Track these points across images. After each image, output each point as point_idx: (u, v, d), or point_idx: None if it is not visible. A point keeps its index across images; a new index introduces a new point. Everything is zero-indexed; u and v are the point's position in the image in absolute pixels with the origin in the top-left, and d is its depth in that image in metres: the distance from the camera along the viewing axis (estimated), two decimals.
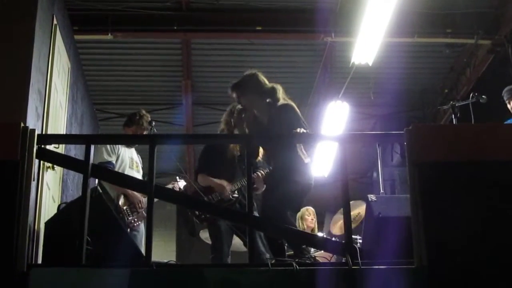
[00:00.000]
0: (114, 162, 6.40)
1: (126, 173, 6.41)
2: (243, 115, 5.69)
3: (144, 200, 6.20)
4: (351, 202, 4.90)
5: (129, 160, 6.57)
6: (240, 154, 6.15)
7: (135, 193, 6.29)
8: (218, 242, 5.95)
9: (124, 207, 6.29)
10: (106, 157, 6.33)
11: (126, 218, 6.24)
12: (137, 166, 6.70)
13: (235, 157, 6.17)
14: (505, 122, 6.63)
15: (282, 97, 5.61)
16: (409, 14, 8.64)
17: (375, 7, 7.50)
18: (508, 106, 6.72)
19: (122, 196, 6.30)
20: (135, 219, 6.35)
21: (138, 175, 6.59)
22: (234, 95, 5.71)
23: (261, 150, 5.86)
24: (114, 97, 11.20)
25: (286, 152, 5.33)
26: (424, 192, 4.30)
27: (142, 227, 6.52)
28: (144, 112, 6.80)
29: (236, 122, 5.73)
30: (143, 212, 6.39)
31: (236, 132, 5.99)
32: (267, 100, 5.58)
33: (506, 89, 6.79)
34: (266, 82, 5.67)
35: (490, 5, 8.91)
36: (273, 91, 5.59)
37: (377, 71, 9.92)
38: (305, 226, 8.23)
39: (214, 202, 5.95)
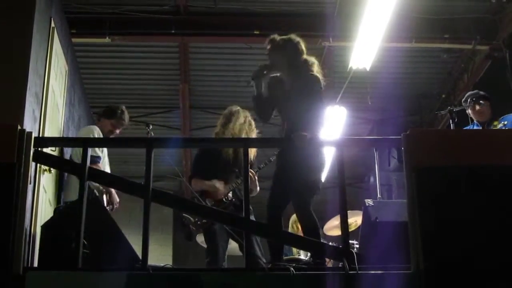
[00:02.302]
0: (101, 156, 6.42)
1: (106, 167, 6.47)
2: (265, 72, 5.52)
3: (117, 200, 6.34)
4: (348, 212, 4.89)
5: (107, 156, 6.59)
6: (233, 157, 6.16)
7: (115, 194, 6.32)
8: (213, 246, 5.94)
9: (107, 207, 6.32)
10: (98, 151, 6.33)
11: None
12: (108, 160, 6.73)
13: (230, 160, 6.17)
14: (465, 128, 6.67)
15: (315, 70, 5.50)
16: (407, 19, 8.65)
17: (373, 12, 7.50)
18: (468, 111, 6.72)
19: (106, 195, 6.31)
20: None
21: (109, 169, 6.62)
22: (268, 46, 5.57)
23: (253, 149, 5.86)
24: (111, 100, 11.12)
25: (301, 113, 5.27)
26: (421, 197, 4.30)
27: None
28: (125, 108, 6.81)
29: (258, 75, 5.50)
30: None
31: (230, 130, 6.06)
32: (297, 69, 5.47)
33: (468, 94, 6.82)
34: (304, 53, 5.55)
35: (487, 10, 8.92)
36: (307, 63, 5.50)
37: (375, 76, 9.92)
38: (299, 231, 8.21)
39: (210, 205, 5.96)
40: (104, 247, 4.64)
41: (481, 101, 6.63)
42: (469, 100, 6.68)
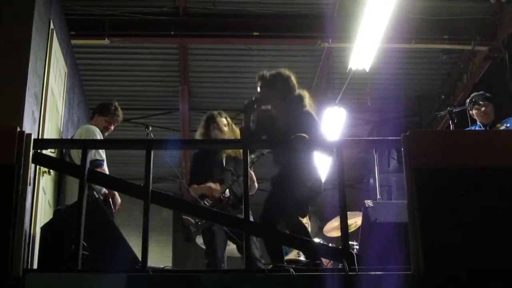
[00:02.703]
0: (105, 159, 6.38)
1: (107, 169, 6.40)
2: (255, 106, 5.52)
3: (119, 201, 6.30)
4: (348, 213, 4.88)
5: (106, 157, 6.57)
6: (227, 157, 6.19)
7: (118, 197, 6.30)
8: (212, 247, 5.96)
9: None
10: (102, 154, 6.30)
11: None
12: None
13: (223, 160, 6.20)
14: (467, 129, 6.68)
15: (308, 104, 5.51)
16: (406, 20, 8.64)
17: (372, 13, 7.50)
18: (472, 112, 6.73)
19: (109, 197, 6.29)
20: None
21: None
22: (259, 84, 5.57)
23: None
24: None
25: (294, 152, 5.26)
26: (421, 197, 4.30)
27: None
28: (118, 104, 6.79)
29: (248, 109, 5.53)
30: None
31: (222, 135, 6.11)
32: (289, 104, 5.47)
33: (473, 95, 6.82)
34: (296, 88, 5.54)
35: (487, 11, 8.92)
36: (298, 98, 5.49)
37: (374, 77, 9.92)
38: None
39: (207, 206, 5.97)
40: (103, 249, 4.63)
41: (486, 102, 6.64)
42: (474, 100, 6.67)
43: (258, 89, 5.59)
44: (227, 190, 6.11)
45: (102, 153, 6.33)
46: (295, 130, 5.24)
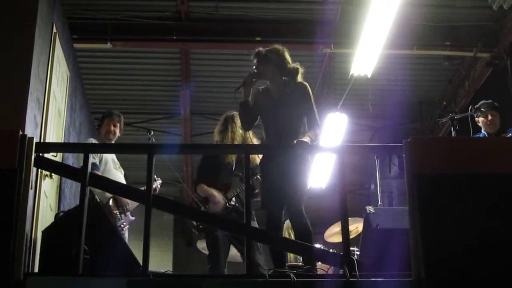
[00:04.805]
0: (98, 164, 6.35)
1: (111, 174, 6.37)
2: (253, 80, 5.63)
3: (129, 202, 6.25)
4: (349, 219, 4.88)
5: (111, 162, 6.52)
6: (236, 161, 6.18)
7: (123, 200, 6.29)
8: (215, 252, 5.94)
9: (115, 211, 6.27)
10: (91, 159, 6.27)
11: (117, 223, 6.22)
12: (119, 167, 6.64)
13: (233, 164, 6.19)
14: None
15: (302, 78, 5.65)
16: (408, 27, 8.65)
17: (374, 19, 7.50)
18: (477, 119, 6.73)
19: (111, 200, 6.26)
20: (124, 223, 6.35)
21: (122, 175, 6.55)
22: (255, 60, 5.69)
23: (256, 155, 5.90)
24: (112, 106, 11.12)
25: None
26: (422, 204, 4.30)
27: (126, 230, 6.51)
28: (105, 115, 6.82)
29: (247, 83, 5.62)
30: (129, 215, 6.39)
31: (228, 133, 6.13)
32: (284, 78, 5.61)
33: (481, 103, 6.80)
34: (290, 61, 5.67)
35: (489, 18, 8.93)
36: (293, 71, 5.62)
37: (376, 83, 9.93)
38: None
39: (211, 211, 5.96)
40: (104, 253, 4.63)
41: (493, 112, 6.64)
42: (481, 109, 6.67)
43: (255, 66, 5.69)
44: (233, 199, 6.09)
45: (91, 158, 6.27)
46: (289, 99, 5.44)
